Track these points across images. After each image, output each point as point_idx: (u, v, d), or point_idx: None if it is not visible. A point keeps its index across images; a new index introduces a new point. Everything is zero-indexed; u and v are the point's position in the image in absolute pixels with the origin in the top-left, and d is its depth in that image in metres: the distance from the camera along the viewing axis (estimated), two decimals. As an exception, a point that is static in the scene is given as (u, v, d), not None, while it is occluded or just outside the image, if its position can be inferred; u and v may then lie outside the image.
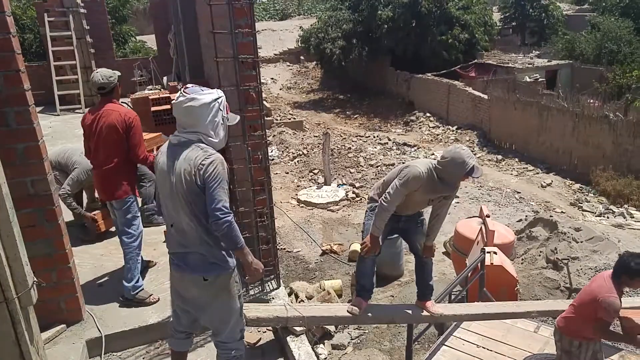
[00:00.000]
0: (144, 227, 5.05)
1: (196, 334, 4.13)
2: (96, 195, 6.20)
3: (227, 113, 3.31)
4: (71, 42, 13.10)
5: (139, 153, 4.77)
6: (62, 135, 10.67)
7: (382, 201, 4.39)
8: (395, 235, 5.27)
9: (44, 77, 12.96)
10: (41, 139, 3.93)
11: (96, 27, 14.53)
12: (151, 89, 13.68)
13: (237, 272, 3.37)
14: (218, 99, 3.21)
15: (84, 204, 6.67)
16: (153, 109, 8.02)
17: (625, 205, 13.12)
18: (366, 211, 4.84)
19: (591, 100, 17.55)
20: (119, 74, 4.92)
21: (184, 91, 3.15)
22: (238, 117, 3.46)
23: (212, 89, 3.28)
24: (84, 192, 6.62)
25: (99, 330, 4.35)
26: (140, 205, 5.18)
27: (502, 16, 36.18)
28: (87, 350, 4.23)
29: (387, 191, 4.41)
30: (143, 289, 4.79)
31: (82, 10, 13.51)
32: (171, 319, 3.65)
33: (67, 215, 5.15)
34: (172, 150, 3.18)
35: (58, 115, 12.67)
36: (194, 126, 3.14)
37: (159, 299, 4.78)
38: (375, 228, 4.49)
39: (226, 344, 3.49)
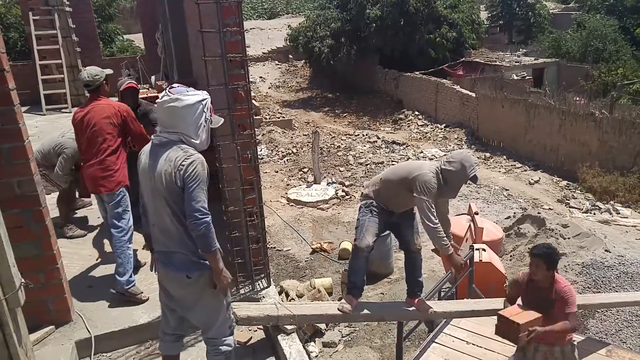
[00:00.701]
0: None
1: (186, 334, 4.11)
2: None
3: (211, 115, 3.29)
4: (57, 40, 12.93)
5: (145, 138, 4.86)
6: (48, 135, 10.55)
7: (427, 223, 4.43)
8: (386, 233, 5.28)
9: (29, 77, 12.78)
10: (27, 139, 3.90)
11: (82, 26, 14.36)
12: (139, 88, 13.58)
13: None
14: (203, 100, 3.19)
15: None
16: (141, 108, 7.97)
17: (612, 202, 13.22)
18: (360, 207, 4.87)
19: (577, 98, 17.68)
20: (109, 72, 4.98)
21: (168, 91, 3.15)
22: (222, 120, 3.43)
23: (197, 89, 3.27)
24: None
25: (89, 331, 4.32)
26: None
27: (489, 15, 36.42)
28: (76, 351, 4.20)
29: (421, 214, 4.45)
30: (135, 284, 4.77)
31: (67, 9, 13.37)
32: (160, 321, 3.64)
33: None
34: (154, 151, 3.18)
35: (44, 115, 12.52)
36: (176, 127, 3.13)
37: (148, 297, 4.75)
38: (444, 247, 4.59)
39: (215, 340, 3.50)
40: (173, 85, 3.21)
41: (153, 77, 14.01)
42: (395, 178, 4.62)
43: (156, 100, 3.22)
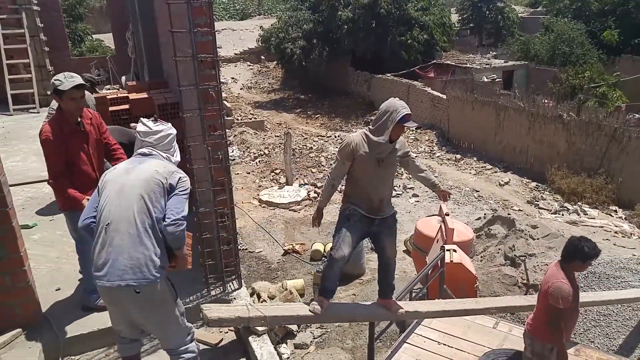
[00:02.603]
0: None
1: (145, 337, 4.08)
2: None
3: None
4: (24, 40, 12.78)
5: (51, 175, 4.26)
6: (15, 136, 10.38)
7: (327, 177, 4.43)
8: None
9: (-5, 76, 12.60)
10: (-6, 139, 3.83)
11: (51, 25, 14.19)
12: (109, 89, 13.46)
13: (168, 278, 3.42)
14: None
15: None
16: (111, 108, 7.88)
17: (579, 203, 13.47)
18: (340, 213, 4.72)
19: (546, 101, 17.94)
20: (55, 81, 4.15)
21: (162, 123, 3.61)
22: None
23: (168, 89, 3.43)
24: None
25: (56, 334, 4.26)
26: None
27: (460, 17, 36.74)
28: (43, 355, 4.14)
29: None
30: None
31: (35, 8, 13.20)
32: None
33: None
34: (140, 157, 3.51)
35: (11, 115, 12.32)
36: (168, 150, 3.60)
37: None
38: (320, 200, 4.67)
39: (176, 349, 3.52)
40: (155, 119, 3.66)
41: (124, 78, 13.88)
42: None
43: (145, 130, 3.56)
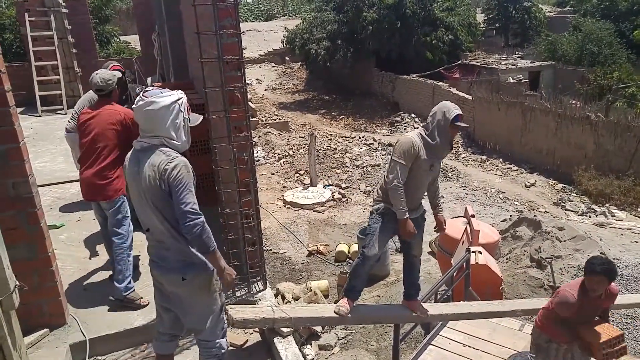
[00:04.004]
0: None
1: (182, 337, 4.09)
2: None
3: (188, 114, 3.25)
4: (52, 42, 12.96)
5: None
6: (43, 137, 10.56)
7: (387, 183, 4.31)
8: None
9: (25, 78, 12.77)
10: (22, 140, 3.88)
11: (78, 27, 14.40)
12: (135, 90, 13.56)
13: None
14: (178, 100, 3.16)
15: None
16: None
17: (607, 205, 13.30)
18: (371, 212, 4.73)
19: (573, 101, 17.71)
20: (119, 75, 5.00)
21: (142, 95, 3.11)
22: (200, 118, 3.40)
23: (194, 91, 3.28)
24: None
25: (83, 334, 4.29)
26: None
27: (486, 18, 36.44)
28: (70, 355, 4.18)
29: (387, 172, 4.36)
30: (134, 290, 4.72)
31: (63, 10, 13.39)
32: (155, 321, 3.65)
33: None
34: (136, 157, 3.15)
35: (39, 116, 12.52)
36: (155, 130, 3.10)
37: (148, 303, 4.67)
38: (400, 211, 4.35)
39: (207, 342, 3.52)
40: (147, 89, 3.19)
41: (149, 79, 14.00)
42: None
43: (132, 107, 3.19)
